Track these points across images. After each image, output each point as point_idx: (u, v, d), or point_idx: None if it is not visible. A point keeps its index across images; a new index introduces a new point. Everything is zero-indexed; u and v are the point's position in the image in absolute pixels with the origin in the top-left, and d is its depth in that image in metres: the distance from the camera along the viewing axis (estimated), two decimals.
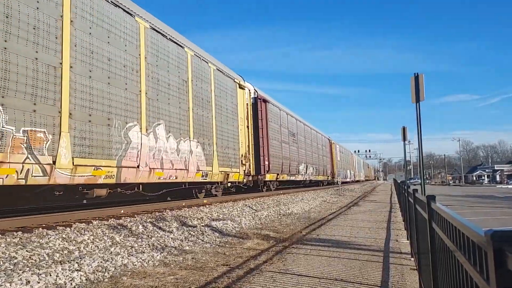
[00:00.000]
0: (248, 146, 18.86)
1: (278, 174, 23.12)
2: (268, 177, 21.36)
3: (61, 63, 8.18)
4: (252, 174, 19.14)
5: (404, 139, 21.69)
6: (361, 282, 5.04)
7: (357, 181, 68.70)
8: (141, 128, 10.54)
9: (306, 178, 31.37)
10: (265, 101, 21.64)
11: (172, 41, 12.61)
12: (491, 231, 1.19)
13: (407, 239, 7.89)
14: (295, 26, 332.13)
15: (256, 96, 20.98)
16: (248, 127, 19.24)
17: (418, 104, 9.90)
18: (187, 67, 13.49)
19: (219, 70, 16.15)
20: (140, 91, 10.68)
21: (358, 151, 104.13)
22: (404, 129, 21.22)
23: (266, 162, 20.77)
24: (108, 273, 5.58)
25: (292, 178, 27.04)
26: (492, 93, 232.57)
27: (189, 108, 13.21)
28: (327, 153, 42.18)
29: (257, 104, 20.94)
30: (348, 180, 56.94)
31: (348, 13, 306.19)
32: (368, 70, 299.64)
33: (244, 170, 17.85)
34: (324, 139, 41.34)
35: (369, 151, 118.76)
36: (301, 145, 30.01)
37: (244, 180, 18.07)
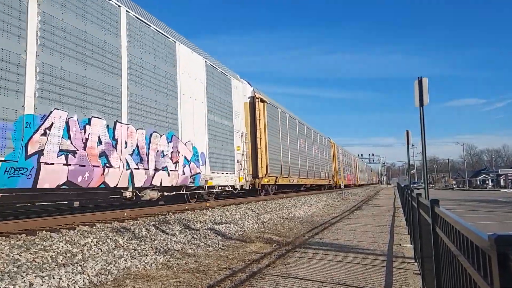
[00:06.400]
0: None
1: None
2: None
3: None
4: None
5: (408, 143, 21.64)
6: (364, 286, 5.02)
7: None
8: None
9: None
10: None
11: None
12: (495, 235, 1.19)
13: (411, 244, 7.85)
14: (299, 31, 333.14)
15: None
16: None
17: (421, 107, 9.89)
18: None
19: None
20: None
21: (362, 155, 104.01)
22: (407, 132, 21.17)
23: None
24: (111, 276, 5.59)
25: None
26: (498, 97, 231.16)
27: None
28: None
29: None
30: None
31: (354, 17, 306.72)
32: (373, 74, 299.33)
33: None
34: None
35: (373, 155, 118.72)
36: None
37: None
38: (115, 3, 10.33)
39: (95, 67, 9.34)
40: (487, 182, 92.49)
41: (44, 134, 7.79)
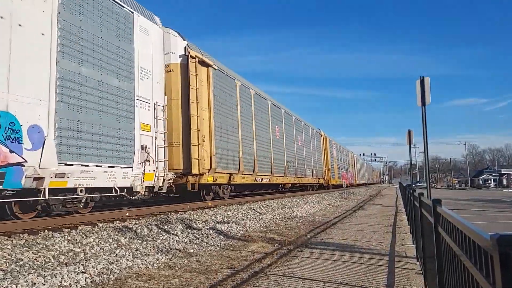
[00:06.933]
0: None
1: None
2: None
3: None
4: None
5: (410, 142, 21.59)
6: (366, 286, 5.01)
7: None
8: None
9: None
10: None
11: None
12: (497, 235, 1.18)
13: (413, 243, 7.84)
14: (302, 30, 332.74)
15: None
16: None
17: (423, 107, 9.86)
18: None
19: None
20: None
21: (364, 154, 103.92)
22: (409, 132, 21.12)
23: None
24: (113, 276, 5.60)
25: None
26: (500, 97, 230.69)
27: None
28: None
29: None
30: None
31: (356, 17, 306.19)
32: (375, 74, 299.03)
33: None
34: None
35: (374, 154, 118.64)
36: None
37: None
38: None
39: None
40: (489, 181, 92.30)
41: None
